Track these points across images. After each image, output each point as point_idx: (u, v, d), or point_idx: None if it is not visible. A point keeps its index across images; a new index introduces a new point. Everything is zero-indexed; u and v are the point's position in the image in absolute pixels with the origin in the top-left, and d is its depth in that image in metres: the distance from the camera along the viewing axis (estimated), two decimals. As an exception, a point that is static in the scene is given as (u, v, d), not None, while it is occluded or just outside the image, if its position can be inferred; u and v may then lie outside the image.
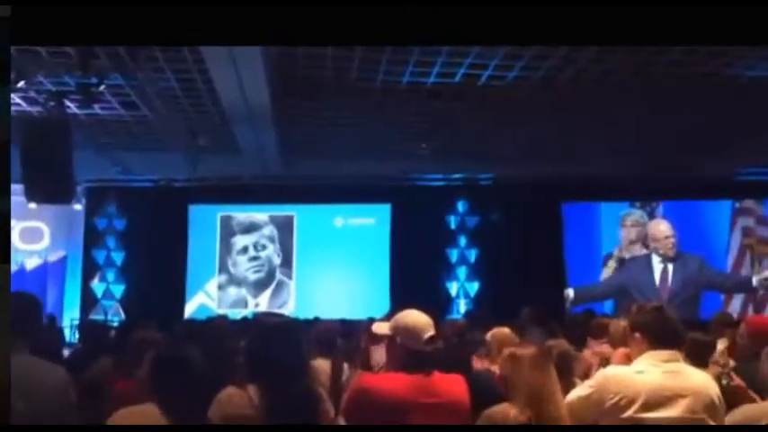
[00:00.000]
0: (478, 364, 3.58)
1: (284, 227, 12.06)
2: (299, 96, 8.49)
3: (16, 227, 11.69)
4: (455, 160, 11.03)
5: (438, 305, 10.04)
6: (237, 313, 10.16)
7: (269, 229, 12.08)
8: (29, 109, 8.74)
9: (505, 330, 3.58)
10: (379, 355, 3.66)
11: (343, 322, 6.31)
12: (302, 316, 8.18)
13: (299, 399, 2.12)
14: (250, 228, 12.04)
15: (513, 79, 7.75)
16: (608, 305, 11.19)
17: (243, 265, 12.03)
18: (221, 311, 10.83)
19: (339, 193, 11.55)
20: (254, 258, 12.04)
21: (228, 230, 12.03)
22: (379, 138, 10.03)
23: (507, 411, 2.21)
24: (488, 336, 3.59)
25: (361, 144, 10.43)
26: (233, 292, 11.96)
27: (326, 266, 11.84)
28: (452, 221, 12.00)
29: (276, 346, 2.16)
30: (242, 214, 12.04)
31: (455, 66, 7.42)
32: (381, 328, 2.31)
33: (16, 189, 10.12)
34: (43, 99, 7.94)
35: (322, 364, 3.20)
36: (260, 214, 12.05)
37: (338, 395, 3.05)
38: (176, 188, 11.34)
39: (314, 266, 11.89)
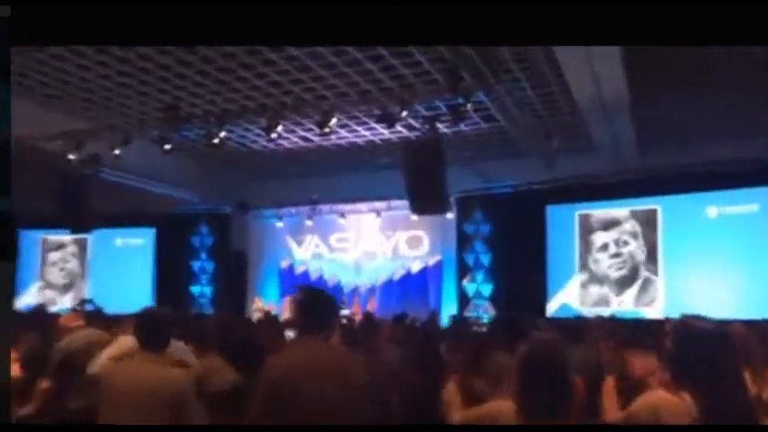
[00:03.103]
0: None
1: (647, 221, 11.42)
2: (656, 82, 8.03)
3: (403, 236, 13.71)
4: None
5: None
6: (600, 312, 9.99)
7: (630, 225, 11.57)
8: (408, 134, 10.20)
9: None
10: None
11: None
12: (672, 315, 7.62)
13: (740, 410, 1.99)
14: (610, 224, 11.73)
15: None
16: None
17: (604, 263, 11.76)
18: (584, 310, 10.78)
19: (710, 180, 10.38)
20: (616, 255, 11.67)
21: (587, 228, 11.92)
22: (751, 111, 8.78)
23: None
24: None
25: (728, 123, 9.27)
26: (595, 290, 11.78)
27: (699, 261, 10.74)
28: None
29: (711, 351, 2.03)
30: (600, 211, 11.81)
31: None
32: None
33: (400, 204, 11.82)
34: (419, 123, 9.19)
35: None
36: (620, 210, 11.65)
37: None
38: (534, 191, 11.77)
39: (684, 261, 10.92)
